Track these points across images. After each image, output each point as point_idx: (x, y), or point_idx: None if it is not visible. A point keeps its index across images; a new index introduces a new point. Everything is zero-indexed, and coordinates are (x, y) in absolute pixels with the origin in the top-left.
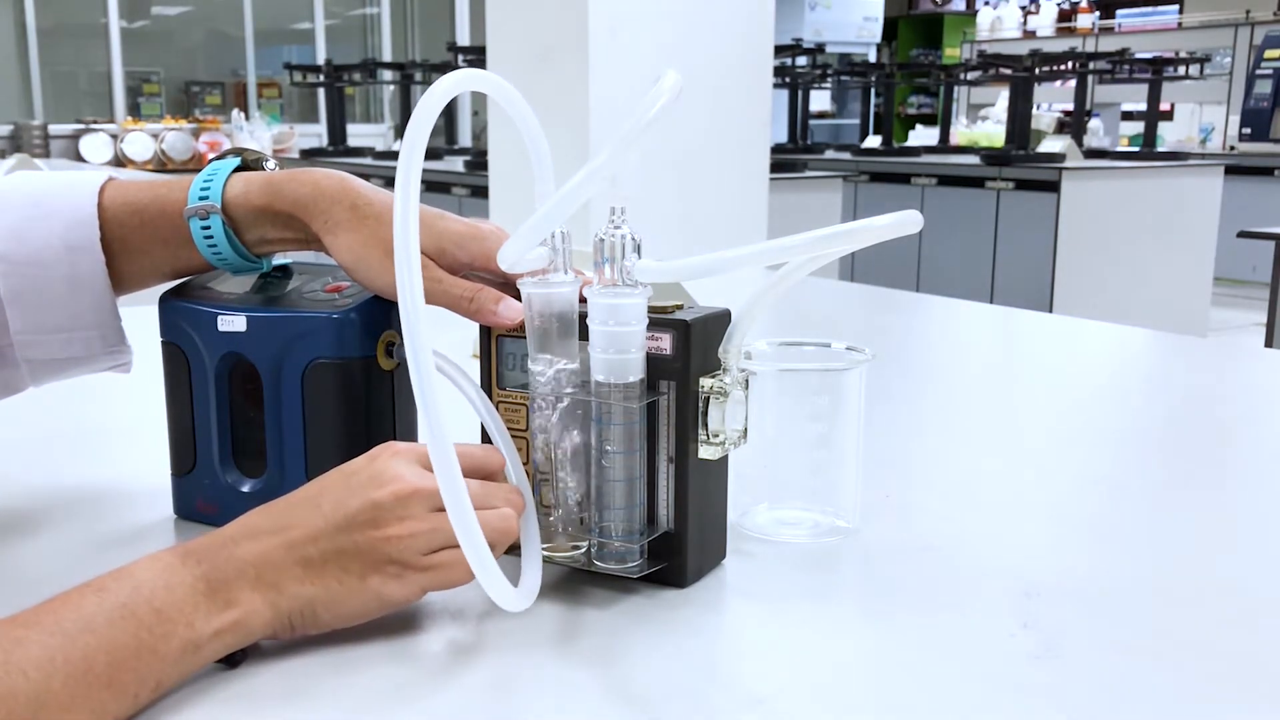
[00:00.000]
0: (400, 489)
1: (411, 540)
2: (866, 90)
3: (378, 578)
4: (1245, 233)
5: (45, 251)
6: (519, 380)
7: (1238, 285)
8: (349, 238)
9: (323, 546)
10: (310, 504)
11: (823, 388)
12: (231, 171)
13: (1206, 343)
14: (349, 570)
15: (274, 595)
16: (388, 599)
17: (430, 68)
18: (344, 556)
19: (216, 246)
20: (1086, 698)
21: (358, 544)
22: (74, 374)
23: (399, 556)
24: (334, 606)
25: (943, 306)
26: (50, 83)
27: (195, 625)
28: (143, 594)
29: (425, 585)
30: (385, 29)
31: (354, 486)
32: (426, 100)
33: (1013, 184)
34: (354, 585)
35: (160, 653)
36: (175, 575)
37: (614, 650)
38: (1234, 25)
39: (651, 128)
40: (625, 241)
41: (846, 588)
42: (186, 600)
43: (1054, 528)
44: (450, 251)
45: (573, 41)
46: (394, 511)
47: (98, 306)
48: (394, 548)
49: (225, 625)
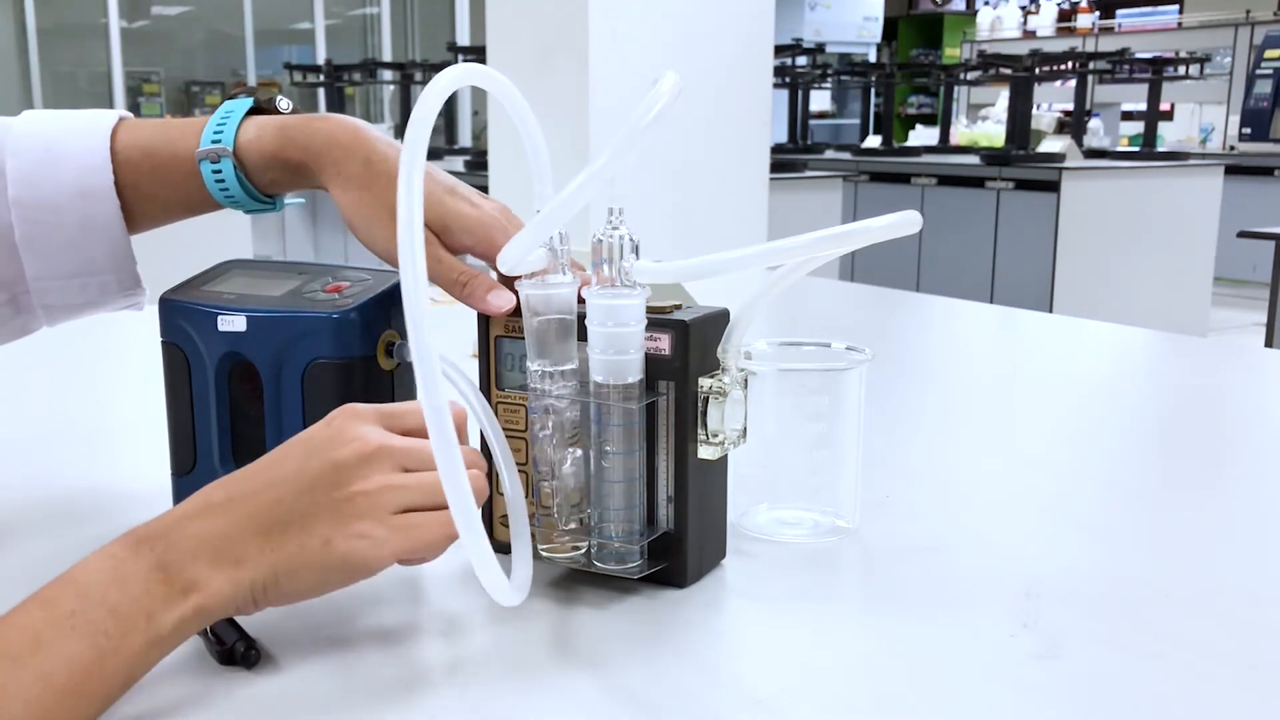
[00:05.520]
0: (362, 447)
1: (378, 496)
2: (866, 90)
3: (343, 541)
4: (1245, 233)
5: (59, 197)
6: (517, 381)
7: (1238, 285)
8: (358, 194)
9: (283, 512)
10: (268, 472)
11: (823, 388)
12: (245, 113)
13: (1206, 343)
14: (312, 534)
15: (234, 571)
16: (354, 564)
17: (430, 68)
18: (307, 520)
19: (228, 189)
20: (1086, 698)
21: (320, 506)
22: (89, 314)
23: (366, 513)
24: (297, 576)
25: (943, 306)
26: (50, 83)
27: (156, 618)
28: (94, 597)
29: (395, 548)
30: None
31: (314, 449)
32: (427, 95)
33: (1013, 184)
34: (318, 551)
35: (123, 652)
36: (127, 568)
37: (614, 650)
38: (1234, 25)
39: (650, 130)
40: (623, 242)
41: (846, 588)
42: (143, 594)
43: (1054, 528)
44: (455, 233)
45: (573, 42)
46: (358, 470)
47: (112, 251)
48: (359, 505)
49: (188, 612)
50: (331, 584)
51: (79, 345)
